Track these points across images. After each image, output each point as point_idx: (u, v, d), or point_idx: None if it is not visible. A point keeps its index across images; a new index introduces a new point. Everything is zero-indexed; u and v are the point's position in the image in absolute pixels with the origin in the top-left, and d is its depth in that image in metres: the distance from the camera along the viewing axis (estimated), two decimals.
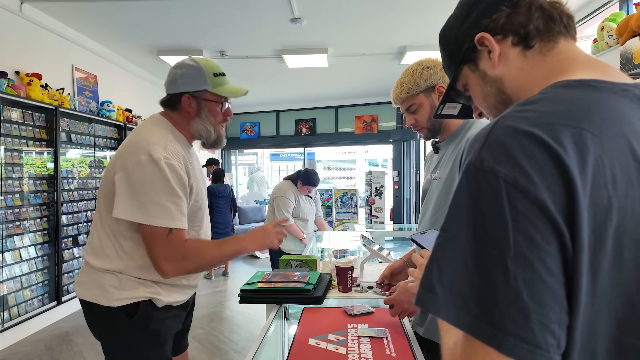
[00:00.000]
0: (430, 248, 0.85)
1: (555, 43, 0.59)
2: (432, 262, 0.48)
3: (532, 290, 0.41)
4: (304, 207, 3.47)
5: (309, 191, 3.50)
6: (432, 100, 1.37)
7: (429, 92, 1.36)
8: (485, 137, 0.47)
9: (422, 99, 1.37)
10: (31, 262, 3.59)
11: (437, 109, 0.83)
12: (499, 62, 0.61)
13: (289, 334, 1.38)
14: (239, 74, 5.82)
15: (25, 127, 3.57)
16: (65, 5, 3.75)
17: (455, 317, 0.44)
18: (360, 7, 3.76)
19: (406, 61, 5.03)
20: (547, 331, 0.41)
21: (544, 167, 0.43)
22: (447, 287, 0.45)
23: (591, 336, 0.44)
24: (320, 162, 15.20)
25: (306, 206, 3.50)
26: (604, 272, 0.43)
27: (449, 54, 0.70)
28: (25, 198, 3.56)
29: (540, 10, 0.59)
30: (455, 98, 0.76)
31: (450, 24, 0.69)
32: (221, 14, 3.90)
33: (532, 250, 0.42)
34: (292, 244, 3.41)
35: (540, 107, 0.48)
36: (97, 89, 4.74)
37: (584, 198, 0.42)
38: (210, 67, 1.39)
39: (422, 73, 1.36)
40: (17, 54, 3.59)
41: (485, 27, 0.62)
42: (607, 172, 0.43)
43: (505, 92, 0.62)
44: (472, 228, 0.45)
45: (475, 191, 0.45)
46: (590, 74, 0.53)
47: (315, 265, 1.85)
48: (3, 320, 3.25)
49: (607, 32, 2.34)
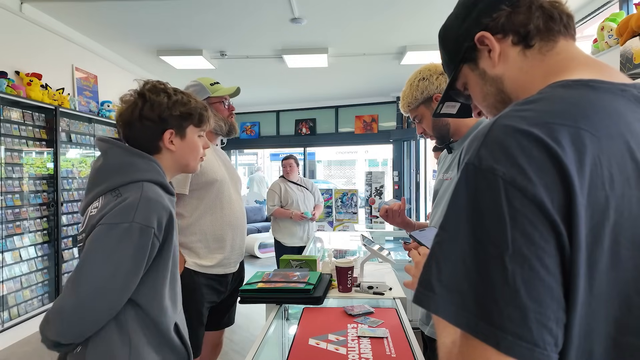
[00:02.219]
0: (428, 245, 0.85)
1: (555, 43, 0.59)
2: (431, 260, 0.48)
3: (530, 289, 0.41)
4: (292, 194, 3.72)
5: (290, 167, 3.80)
6: (432, 109, 1.38)
7: (428, 103, 1.38)
8: (484, 136, 0.47)
9: (422, 110, 1.40)
10: (31, 262, 3.59)
11: (436, 108, 0.83)
12: (499, 61, 0.62)
13: (289, 334, 1.38)
14: (239, 74, 5.82)
15: (25, 127, 3.57)
16: (65, 5, 3.75)
17: (454, 315, 0.44)
18: (360, 7, 3.76)
19: (406, 61, 5.03)
20: (545, 329, 0.41)
21: (542, 166, 0.43)
22: (446, 285, 0.46)
23: (588, 335, 0.44)
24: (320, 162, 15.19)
25: (295, 194, 3.73)
26: (601, 271, 0.44)
27: (448, 53, 0.70)
28: (25, 198, 3.56)
29: (540, 9, 0.59)
30: (454, 97, 0.76)
31: (450, 23, 0.69)
32: (221, 14, 3.90)
33: (530, 248, 0.42)
34: (287, 237, 3.68)
35: (539, 106, 0.48)
36: (97, 89, 4.74)
37: (582, 197, 0.42)
38: (206, 80, 1.87)
39: (418, 85, 1.37)
40: (17, 54, 3.59)
41: (486, 26, 0.62)
42: (604, 171, 0.44)
43: (504, 91, 0.62)
44: (471, 226, 0.45)
45: (474, 190, 0.46)
46: (589, 74, 0.53)
47: (315, 265, 1.85)
48: (3, 321, 3.24)
49: (607, 32, 2.34)
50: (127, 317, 1.00)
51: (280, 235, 3.70)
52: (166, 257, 1.05)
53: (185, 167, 1.19)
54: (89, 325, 0.95)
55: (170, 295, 1.08)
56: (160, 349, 1.04)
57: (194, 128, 1.17)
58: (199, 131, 1.19)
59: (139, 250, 0.96)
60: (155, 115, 1.08)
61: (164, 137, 1.11)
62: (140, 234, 0.95)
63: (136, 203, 0.96)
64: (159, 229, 0.99)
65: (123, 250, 0.94)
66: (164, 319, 1.04)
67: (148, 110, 1.08)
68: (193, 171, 1.22)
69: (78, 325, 0.93)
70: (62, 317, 0.92)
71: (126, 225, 0.94)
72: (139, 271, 0.97)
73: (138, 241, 0.95)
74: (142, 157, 1.07)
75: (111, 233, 0.94)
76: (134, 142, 1.10)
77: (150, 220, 0.97)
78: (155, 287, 1.03)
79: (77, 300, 0.92)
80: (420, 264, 0.84)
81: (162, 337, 1.05)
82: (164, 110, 1.09)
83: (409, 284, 0.87)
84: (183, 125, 1.14)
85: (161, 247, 1.03)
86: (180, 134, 1.14)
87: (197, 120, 1.17)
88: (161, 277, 1.04)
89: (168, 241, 1.04)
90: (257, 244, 6.65)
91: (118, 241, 0.94)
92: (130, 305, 1.00)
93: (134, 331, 1.00)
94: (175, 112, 1.11)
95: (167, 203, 1.03)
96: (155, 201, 1.00)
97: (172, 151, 1.13)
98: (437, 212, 1.41)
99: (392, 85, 6.49)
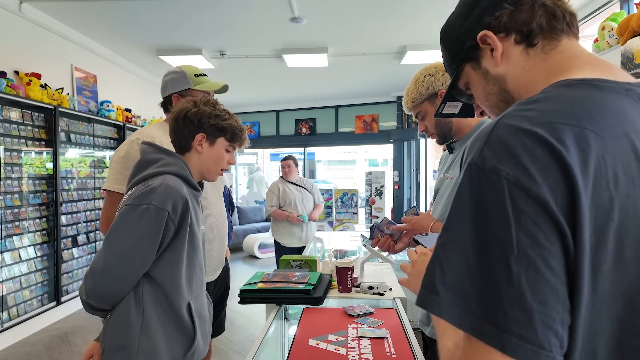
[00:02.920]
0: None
1: (558, 41, 0.58)
2: (434, 262, 0.48)
3: (535, 290, 0.41)
4: (291, 195, 3.72)
5: (289, 167, 3.80)
6: (436, 106, 1.37)
7: (433, 99, 1.38)
8: (487, 136, 0.47)
9: (426, 106, 1.39)
10: (30, 262, 3.59)
11: (438, 107, 0.82)
12: (502, 60, 0.61)
13: (289, 335, 1.37)
14: (239, 73, 5.81)
15: (25, 127, 3.56)
16: (64, 5, 3.74)
17: (458, 317, 0.44)
18: (360, 7, 3.76)
19: (406, 61, 5.02)
20: (551, 331, 0.41)
21: (546, 166, 0.42)
22: (449, 288, 0.45)
23: (592, 336, 0.44)
24: (320, 162, 15.19)
25: (294, 195, 3.74)
26: (605, 272, 0.43)
27: (450, 52, 0.69)
28: (25, 198, 3.55)
29: (543, 7, 0.58)
30: (456, 97, 0.75)
31: (452, 22, 0.69)
32: (221, 14, 3.89)
33: (535, 249, 0.41)
34: (286, 238, 3.68)
35: (542, 106, 0.48)
36: (96, 89, 4.74)
37: (586, 197, 0.42)
38: (191, 70, 1.70)
39: (424, 81, 1.37)
40: (16, 54, 3.58)
41: (488, 25, 0.61)
42: (609, 171, 0.43)
43: (507, 91, 0.62)
44: (475, 227, 0.44)
45: (477, 190, 0.45)
46: (593, 72, 0.53)
47: (315, 266, 1.84)
48: (2, 321, 3.24)
49: (607, 32, 2.34)
50: (144, 290, 1.15)
51: (279, 236, 3.70)
52: (182, 238, 1.18)
53: (206, 172, 1.34)
54: (112, 288, 1.11)
55: (186, 277, 1.21)
56: (167, 324, 1.16)
57: (224, 141, 1.33)
58: (229, 146, 1.34)
59: (155, 227, 1.11)
60: (196, 119, 1.28)
61: (195, 138, 1.28)
62: (156, 214, 1.11)
63: (156, 188, 1.13)
64: (174, 212, 1.14)
65: (142, 226, 1.10)
66: (177, 296, 1.17)
67: (193, 114, 1.27)
68: (212, 179, 1.36)
69: (103, 287, 1.10)
70: (92, 278, 1.09)
71: (145, 206, 1.11)
72: (154, 246, 1.12)
73: (154, 220, 1.11)
74: (170, 154, 1.26)
75: (133, 211, 1.11)
76: (174, 135, 1.31)
77: (165, 204, 1.12)
78: (171, 265, 1.17)
79: (104, 264, 1.08)
80: (416, 262, 0.84)
81: (172, 313, 1.17)
82: (203, 117, 1.28)
83: (404, 282, 0.87)
84: (215, 134, 1.31)
85: (177, 230, 1.17)
86: (210, 140, 1.31)
87: (230, 136, 1.33)
88: (176, 257, 1.18)
89: (184, 225, 1.18)
90: (256, 244, 6.65)
91: (138, 219, 1.10)
92: (148, 280, 1.15)
93: (148, 304, 1.14)
94: (213, 121, 1.29)
95: (185, 192, 1.18)
96: (174, 189, 1.15)
97: (199, 153, 1.30)
98: (437, 211, 1.41)
99: (393, 85, 6.49)
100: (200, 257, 1.28)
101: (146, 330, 1.12)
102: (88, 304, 1.13)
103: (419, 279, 0.81)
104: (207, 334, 1.30)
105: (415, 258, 0.85)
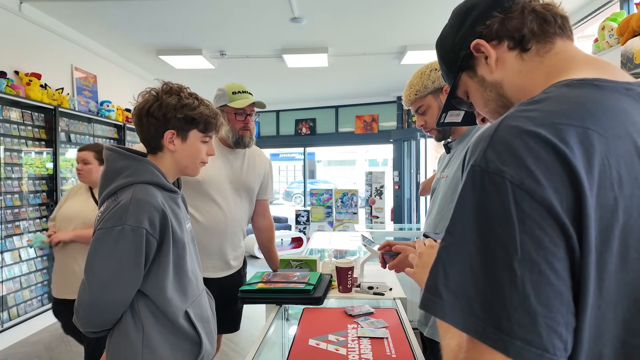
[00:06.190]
0: None
1: (552, 44, 0.59)
2: (437, 265, 0.47)
3: (539, 293, 0.40)
4: None
5: None
6: (440, 101, 1.38)
7: (437, 93, 1.37)
8: (490, 137, 0.46)
9: (430, 100, 1.38)
10: (30, 262, 3.58)
11: (439, 117, 0.83)
12: (497, 66, 0.62)
13: (289, 335, 1.37)
14: (239, 73, 5.82)
15: (25, 127, 3.56)
16: (64, 5, 3.74)
17: (462, 321, 0.44)
18: (360, 7, 3.76)
19: (406, 61, 5.02)
20: (555, 334, 0.41)
21: (551, 168, 0.42)
22: (453, 291, 0.45)
23: (598, 338, 0.43)
24: (320, 162, 15.19)
25: None
26: (610, 273, 0.43)
27: (446, 63, 0.71)
28: (25, 198, 3.55)
29: (533, 13, 0.59)
30: (457, 105, 0.76)
31: (446, 33, 0.70)
32: (221, 14, 3.89)
33: (539, 252, 0.41)
34: None
35: (545, 106, 0.48)
36: (96, 89, 4.74)
37: (592, 199, 0.41)
38: (232, 87, 1.83)
39: (430, 75, 1.37)
40: (17, 54, 3.58)
41: (480, 33, 0.63)
42: (613, 172, 0.43)
43: (505, 96, 0.63)
44: (478, 230, 0.44)
45: (481, 192, 0.45)
46: (592, 72, 0.53)
47: (315, 266, 1.84)
48: (2, 321, 3.24)
49: (607, 32, 2.34)
50: (140, 306, 1.10)
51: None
52: (166, 251, 1.11)
53: (184, 169, 1.22)
54: (107, 315, 1.07)
55: (175, 286, 1.14)
56: (168, 335, 1.13)
57: (197, 133, 1.19)
58: (204, 137, 1.21)
59: (135, 248, 1.03)
60: (160, 114, 1.13)
61: (165, 136, 1.15)
62: (133, 234, 1.03)
63: (127, 206, 1.04)
64: (152, 227, 1.06)
65: (120, 250, 1.02)
66: (171, 308, 1.12)
67: (156, 108, 1.13)
68: (192, 174, 1.25)
69: (97, 317, 1.06)
70: (83, 311, 1.04)
71: (119, 227, 1.02)
72: (139, 266, 1.05)
73: (133, 240, 1.03)
74: (136, 159, 1.13)
75: (108, 236, 1.03)
76: (141, 136, 1.18)
77: (140, 221, 1.03)
78: (157, 280, 1.11)
79: (90, 297, 1.03)
80: (423, 254, 0.83)
81: (170, 324, 1.13)
82: (169, 111, 1.13)
83: (410, 273, 0.86)
84: (186, 128, 1.17)
85: (160, 243, 1.09)
86: (181, 135, 1.17)
87: (203, 126, 1.19)
88: (163, 271, 1.11)
89: (166, 238, 1.10)
90: (256, 244, 6.63)
91: (115, 242, 1.02)
92: (141, 296, 1.10)
93: (146, 318, 1.10)
94: (180, 114, 1.14)
95: (159, 201, 1.09)
96: (146, 202, 1.05)
97: (172, 151, 1.17)
98: (433, 209, 1.42)
99: (393, 84, 6.49)
100: (190, 261, 1.21)
101: (148, 345, 1.09)
102: (88, 332, 1.09)
103: (424, 271, 0.81)
104: (212, 333, 1.26)
105: (423, 250, 0.84)
